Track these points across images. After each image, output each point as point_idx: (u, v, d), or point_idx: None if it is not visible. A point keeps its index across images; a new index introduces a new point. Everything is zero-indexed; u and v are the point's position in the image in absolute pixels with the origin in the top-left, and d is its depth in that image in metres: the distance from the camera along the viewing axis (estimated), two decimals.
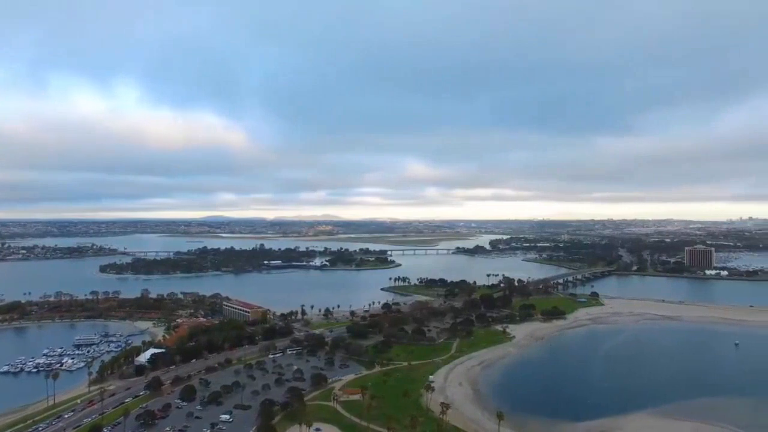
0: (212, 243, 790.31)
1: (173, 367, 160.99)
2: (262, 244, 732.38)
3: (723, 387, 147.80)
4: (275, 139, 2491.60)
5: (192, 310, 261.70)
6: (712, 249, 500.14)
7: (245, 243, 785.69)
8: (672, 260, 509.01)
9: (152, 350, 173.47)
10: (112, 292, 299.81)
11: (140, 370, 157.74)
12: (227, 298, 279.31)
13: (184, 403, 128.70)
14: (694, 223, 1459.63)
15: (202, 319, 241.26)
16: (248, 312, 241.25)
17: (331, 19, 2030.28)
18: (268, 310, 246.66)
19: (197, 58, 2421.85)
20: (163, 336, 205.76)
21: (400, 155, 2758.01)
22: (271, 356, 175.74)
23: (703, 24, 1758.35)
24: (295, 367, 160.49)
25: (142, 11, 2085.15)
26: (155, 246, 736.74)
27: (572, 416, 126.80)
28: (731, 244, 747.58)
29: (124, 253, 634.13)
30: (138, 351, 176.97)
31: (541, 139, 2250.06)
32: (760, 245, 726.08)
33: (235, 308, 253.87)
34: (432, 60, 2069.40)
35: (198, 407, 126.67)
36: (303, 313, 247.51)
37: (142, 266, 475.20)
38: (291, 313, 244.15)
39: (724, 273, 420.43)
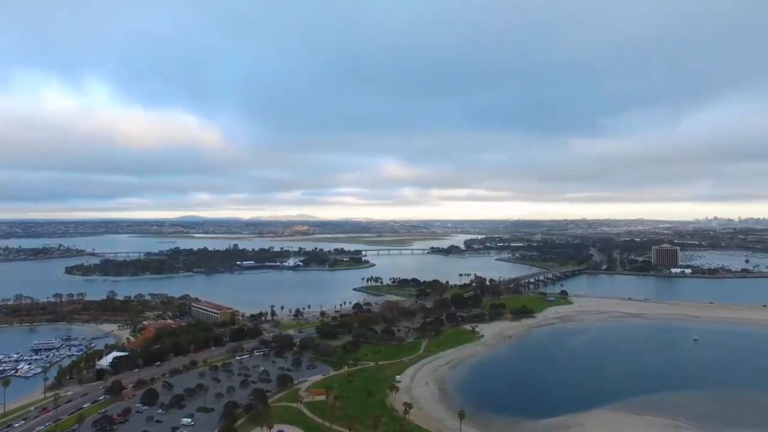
0: (185, 243, 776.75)
1: (136, 370, 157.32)
2: (235, 245, 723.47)
3: (680, 381, 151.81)
4: (251, 138, 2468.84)
5: (160, 312, 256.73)
6: (678, 248, 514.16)
7: (219, 243, 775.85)
8: (640, 259, 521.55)
9: (115, 354, 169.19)
10: (77, 294, 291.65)
11: (101, 374, 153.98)
12: (196, 300, 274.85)
13: (145, 408, 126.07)
14: (663, 222, 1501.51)
15: (169, 321, 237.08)
16: (217, 313, 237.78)
17: (307, 18, 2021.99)
18: (237, 311, 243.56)
19: (170, 55, 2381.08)
20: (127, 339, 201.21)
21: (377, 155, 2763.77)
22: (238, 358, 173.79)
23: (670, 29, 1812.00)
24: (262, 369, 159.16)
25: (112, 7, 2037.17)
26: (126, 247, 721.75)
27: (535, 414, 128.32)
28: (696, 243, 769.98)
29: (92, 254, 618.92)
30: (100, 355, 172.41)
31: (516, 139, 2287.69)
32: (722, 244, 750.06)
33: (204, 309, 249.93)
34: (408, 61, 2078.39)
35: (159, 411, 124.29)
36: (273, 314, 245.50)
37: (111, 267, 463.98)
38: (260, 314, 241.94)
39: (688, 271, 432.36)
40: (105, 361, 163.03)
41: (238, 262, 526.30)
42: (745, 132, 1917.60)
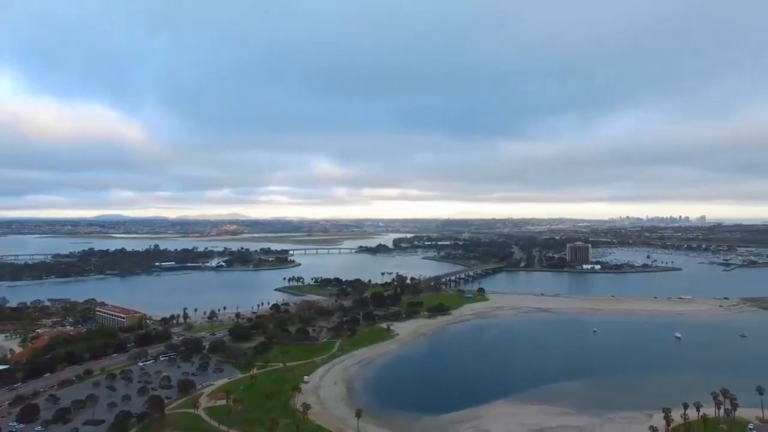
0: (102, 244, 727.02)
1: (18, 384, 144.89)
2: (156, 245, 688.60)
3: (575, 371, 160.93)
4: (176, 134, 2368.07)
5: (59, 319, 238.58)
6: (589, 246, 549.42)
7: (140, 243, 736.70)
8: (556, 256, 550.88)
9: None
10: None
11: None
12: (102, 304, 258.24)
13: (22, 426, 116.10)
14: (582, 221, 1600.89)
15: (68, 327, 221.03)
16: (123, 318, 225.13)
17: (229, 13, 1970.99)
18: (146, 315, 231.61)
19: (86, 46, 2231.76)
20: (10, 350, 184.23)
21: (308, 155, 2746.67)
22: (140, 364, 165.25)
23: (582, 41, 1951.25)
24: (164, 374, 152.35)
25: None
26: (32, 248, 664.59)
27: (439, 409, 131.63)
28: (608, 240, 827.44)
29: None
30: None
31: (445, 141, 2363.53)
32: (630, 241, 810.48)
33: (110, 314, 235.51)
34: (335, 61, 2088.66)
35: (39, 428, 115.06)
36: (185, 316, 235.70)
37: (7, 272, 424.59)
38: (172, 317, 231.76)
39: (598, 267, 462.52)
40: None
41: (156, 263, 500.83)
42: (648, 139, 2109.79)
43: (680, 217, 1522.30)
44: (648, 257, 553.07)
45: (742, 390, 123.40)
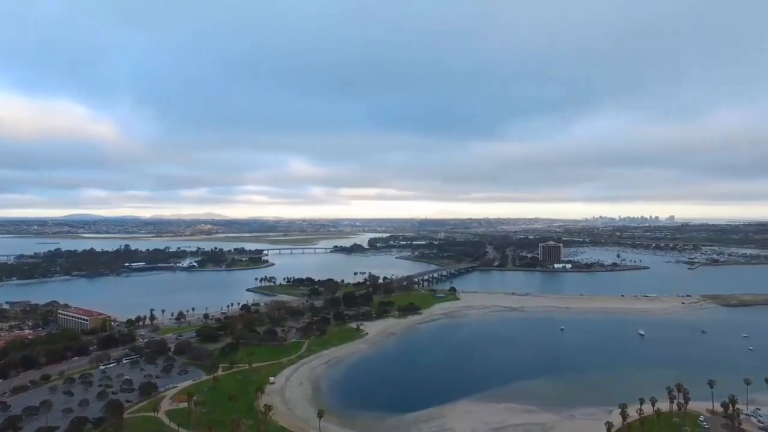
0: (70, 244, 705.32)
1: None
2: (127, 245, 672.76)
3: (541, 369, 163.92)
4: (150, 133, 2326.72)
5: (17, 322, 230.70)
6: (561, 245, 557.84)
7: (110, 244, 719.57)
8: (529, 255, 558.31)
9: None
10: None
11: None
12: (65, 306, 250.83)
13: None
14: (557, 221, 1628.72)
15: (27, 331, 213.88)
16: (87, 320, 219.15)
17: (209, 12, 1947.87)
18: (110, 316, 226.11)
19: (54, 41, 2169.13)
20: None
21: (285, 154, 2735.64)
22: (102, 367, 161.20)
23: (557, 44, 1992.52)
24: (126, 377, 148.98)
25: None
26: None
27: (404, 408, 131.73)
28: (581, 240, 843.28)
29: None
30: None
31: (422, 141, 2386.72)
32: (602, 241, 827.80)
33: (73, 317, 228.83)
34: (311, 60, 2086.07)
35: None
36: (152, 317, 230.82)
37: None
38: (138, 319, 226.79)
39: (569, 266, 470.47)
40: None
41: (126, 264, 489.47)
42: (620, 141, 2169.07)
43: (651, 217, 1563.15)
44: (618, 256, 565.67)
45: (698, 384, 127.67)
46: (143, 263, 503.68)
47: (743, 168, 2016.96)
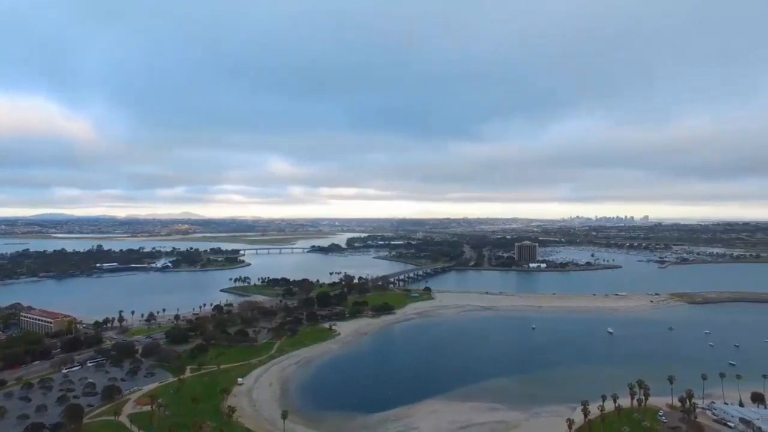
0: (39, 245, 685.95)
1: None
2: (100, 245, 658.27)
3: (510, 367, 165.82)
4: (126, 131, 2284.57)
5: None
6: (536, 245, 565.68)
7: (82, 244, 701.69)
8: (505, 255, 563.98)
9: None
10: None
11: None
12: (29, 308, 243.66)
13: None
14: (535, 221, 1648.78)
15: None
16: (51, 322, 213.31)
17: (187, 10, 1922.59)
18: (75, 318, 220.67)
19: (23, 36, 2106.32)
20: None
21: (263, 154, 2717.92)
22: (64, 371, 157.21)
23: (531, 48, 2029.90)
24: (89, 381, 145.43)
25: None
26: None
27: (372, 408, 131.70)
28: (557, 239, 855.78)
29: None
30: None
31: (400, 141, 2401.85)
32: (578, 240, 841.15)
33: (36, 319, 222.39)
34: (289, 60, 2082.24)
35: None
36: (121, 319, 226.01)
37: None
38: (106, 321, 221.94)
39: (543, 265, 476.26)
40: None
41: (98, 265, 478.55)
42: (594, 142, 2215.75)
43: (626, 217, 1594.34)
44: (592, 256, 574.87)
45: (661, 380, 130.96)
46: (116, 264, 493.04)
47: (711, 170, 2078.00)
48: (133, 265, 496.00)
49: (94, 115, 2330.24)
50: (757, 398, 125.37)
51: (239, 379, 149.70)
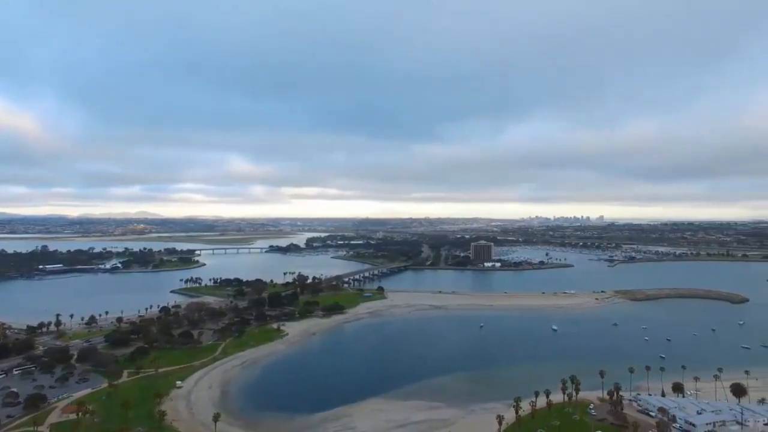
0: None
1: None
2: (45, 246, 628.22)
3: (455, 365, 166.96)
4: (77, 128, 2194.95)
5: None
6: (491, 244, 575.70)
7: (27, 244, 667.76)
8: (462, 254, 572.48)
9: None
10: None
11: None
12: None
13: None
14: (495, 221, 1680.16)
15: None
16: None
17: (144, 4, 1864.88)
18: (4, 323, 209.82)
19: None
20: None
21: (223, 152, 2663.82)
22: None
23: (490, 51, 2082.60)
24: (12, 390, 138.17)
25: None
26: None
27: (313, 408, 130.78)
28: (515, 239, 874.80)
29: None
30: None
31: (362, 142, 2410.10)
32: (535, 240, 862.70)
33: None
34: (248, 58, 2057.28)
35: None
36: (58, 323, 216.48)
37: None
38: (41, 325, 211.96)
39: (498, 264, 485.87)
40: None
41: (40, 266, 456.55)
42: (549, 144, 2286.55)
43: (582, 217, 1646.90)
44: (546, 255, 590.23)
45: (595, 374, 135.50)
46: (61, 265, 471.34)
47: (658, 172, 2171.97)
48: (79, 267, 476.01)
49: (43, 110, 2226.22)
50: (677, 388, 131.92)
51: (178, 382, 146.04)
